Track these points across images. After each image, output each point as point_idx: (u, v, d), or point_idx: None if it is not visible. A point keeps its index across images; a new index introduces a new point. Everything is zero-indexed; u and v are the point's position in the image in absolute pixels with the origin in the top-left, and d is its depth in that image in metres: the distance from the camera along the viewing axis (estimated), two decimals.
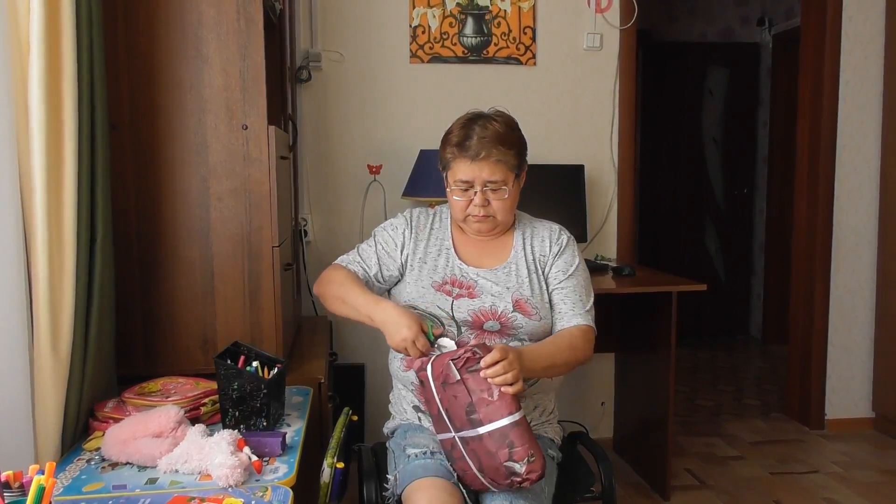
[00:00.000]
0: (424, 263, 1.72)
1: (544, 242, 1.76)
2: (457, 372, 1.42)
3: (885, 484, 2.87)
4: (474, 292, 1.67)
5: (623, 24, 3.08)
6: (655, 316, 2.74)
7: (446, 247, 1.75)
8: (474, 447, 1.42)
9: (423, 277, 1.70)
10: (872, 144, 3.35)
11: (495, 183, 1.65)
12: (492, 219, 1.69)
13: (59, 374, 1.46)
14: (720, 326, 5.24)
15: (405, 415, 1.74)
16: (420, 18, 2.96)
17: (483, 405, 1.40)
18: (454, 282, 1.69)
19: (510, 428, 1.38)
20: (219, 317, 1.91)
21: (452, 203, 1.71)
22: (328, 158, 2.97)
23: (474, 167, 1.63)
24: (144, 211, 1.87)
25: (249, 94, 1.86)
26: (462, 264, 1.72)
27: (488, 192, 1.65)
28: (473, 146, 1.62)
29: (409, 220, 1.78)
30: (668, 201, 5.15)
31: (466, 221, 1.71)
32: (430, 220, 1.80)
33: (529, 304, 1.66)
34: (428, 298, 1.67)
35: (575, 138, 3.12)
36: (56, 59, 1.43)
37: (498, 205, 1.67)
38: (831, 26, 3.26)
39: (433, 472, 1.50)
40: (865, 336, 3.43)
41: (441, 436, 1.51)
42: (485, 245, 1.76)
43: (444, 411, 1.46)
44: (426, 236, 1.76)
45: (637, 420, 3.02)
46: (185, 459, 1.37)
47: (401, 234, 1.76)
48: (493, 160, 1.62)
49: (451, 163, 1.67)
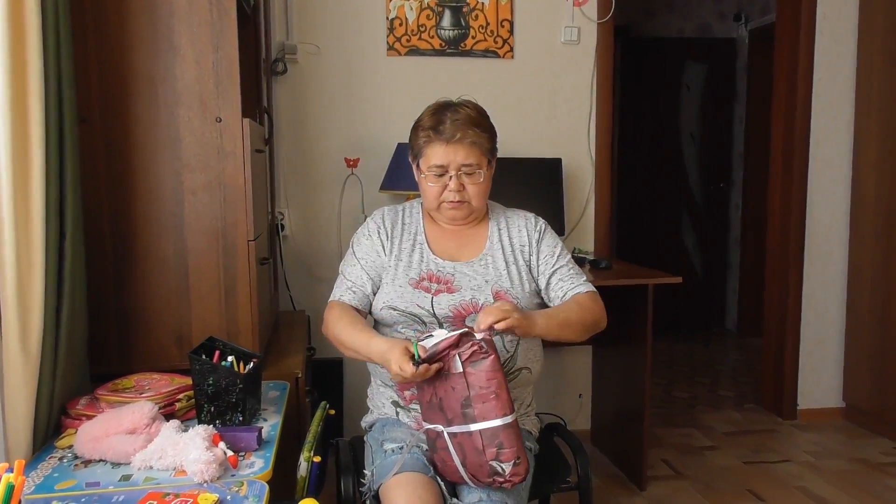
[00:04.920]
0: (399, 261, 1.69)
1: (522, 232, 1.75)
2: (461, 364, 1.38)
3: (854, 472, 2.93)
4: (453, 286, 1.65)
5: (600, 18, 3.09)
6: (632, 309, 2.76)
7: (419, 241, 1.72)
8: (461, 441, 1.41)
9: (399, 276, 1.67)
10: (845, 141, 3.40)
11: (470, 166, 1.63)
12: (467, 205, 1.67)
13: (29, 373, 1.44)
14: (696, 320, 5.30)
15: (383, 409, 1.73)
16: (397, 11, 2.94)
17: (480, 401, 1.38)
18: (431, 277, 1.66)
19: (502, 429, 1.37)
20: (194, 312, 1.89)
21: (426, 190, 1.68)
22: (305, 152, 2.95)
23: (449, 150, 1.61)
24: (116, 206, 1.84)
25: (223, 86, 1.84)
26: (437, 258, 1.69)
27: (463, 177, 1.64)
28: (448, 129, 1.61)
29: (380, 223, 1.74)
30: (644, 196, 5.19)
31: (440, 209, 1.69)
32: (399, 217, 1.76)
33: (510, 294, 1.65)
34: (407, 297, 1.64)
35: (552, 132, 3.12)
36: (21, 51, 1.40)
37: (473, 189, 1.65)
38: (805, 23, 3.30)
39: (410, 466, 1.50)
40: (836, 329, 3.49)
41: (428, 425, 1.49)
42: (459, 237, 1.74)
43: (439, 400, 1.43)
44: (399, 233, 1.73)
45: (614, 412, 3.04)
46: (160, 455, 1.36)
47: (377, 238, 1.72)
48: (468, 142, 1.61)
49: (424, 148, 1.65)
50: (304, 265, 2.95)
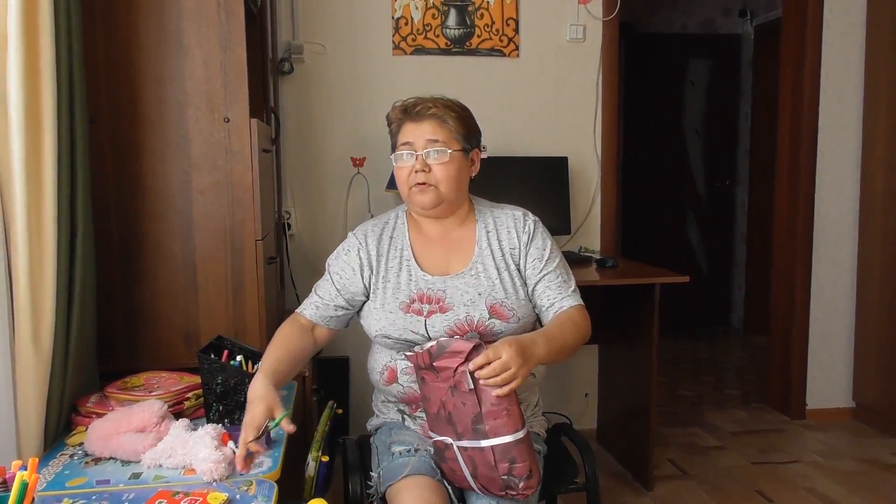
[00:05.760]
0: (388, 282, 1.61)
1: (511, 234, 1.66)
2: (471, 381, 1.35)
3: (864, 473, 2.91)
4: (445, 305, 1.57)
5: (606, 16, 3.09)
6: (638, 308, 2.76)
7: (406, 257, 1.63)
8: (472, 455, 1.38)
9: (388, 300, 1.59)
10: (853, 136, 3.38)
11: (436, 143, 1.57)
12: (433, 189, 1.58)
13: (41, 370, 1.45)
14: (702, 317, 5.29)
15: (389, 415, 1.71)
16: (403, 10, 2.95)
17: (491, 418, 1.34)
18: (422, 297, 1.58)
19: (514, 444, 1.35)
20: (202, 311, 1.91)
21: (397, 175, 1.63)
22: (311, 151, 2.95)
23: (417, 128, 1.59)
24: (125, 205, 1.85)
25: (231, 86, 1.85)
26: (426, 275, 1.60)
27: (431, 155, 1.57)
28: (419, 108, 1.59)
29: (362, 241, 1.66)
30: (650, 193, 5.18)
31: (410, 195, 1.61)
32: (385, 231, 1.68)
33: (505, 306, 1.58)
34: (399, 324, 1.57)
35: (558, 130, 3.12)
36: (34, 52, 1.41)
37: (439, 170, 1.57)
38: (812, 17, 3.29)
39: (418, 469, 1.48)
40: (845, 327, 3.48)
41: (436, 436, 1.46)
42: (445, 243, 1.66)
43: (448, 413, 1.40)
44: (386, 250, 1.65)
45: (620, 411, 3.04)
46: (169, 454, 1.37)
47: (355, 256, 1.64)
48: (436, 119, 1.58)
49: (397, 133, 1.63)
50: (310, 264, 2.95)
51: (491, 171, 2.96)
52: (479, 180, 1.72)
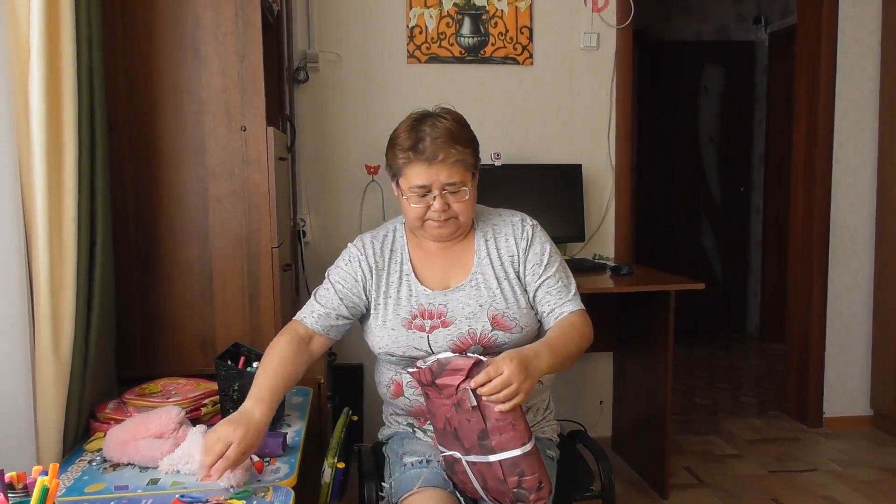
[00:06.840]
0: (388, 297, 1.60)
1: (509, 241, 1.63)
2: (474, 398, 1.34)
3: (883, 481, 2.88)
4: (447, 319, 1.56)
5: (619, 24, 3.09)
6: (653, 314, 2.74)
7: (406, 272, 1.62)
8: (481, 469, 1.38)
9: (389, 317, 1.58)
10: (869, 142, 3.36)
11: (454, 185, 1.52)
12: (453, 220, 1.56)
13: (61, 376, 1.47)
14: (717, 324, 5.25)
15: (400, 426, 1.70)
16: (417, 19, 2.96)
17: (497, 433, 1.33)
18: (423, 313, 1.57)
19: (522, 458, 1.34)
20: (218, 318, 1.92)
21: (408, 210, 1.57)
22: (326, 159, 2.97)
23: (431, 171, 1.50)
24: (143, 213, 1.87)
25: (248, 95, 1.86)
26: (426, 290, 1.59)
27: (448, 196, 1.53)
28: (428, 148, 1.50)
29: (362, 251, 1.64)
30: (664, 200, 5.16)
31: (424, 227, 1.58)
32: (385, 244, 1.66)
33: (507, 317, 1.56)
34: (402, 341, 1.56)
35: (572, 137, 3.12)
36: (56, 61, 1.44)
37: (459, 206, 1.55)
38: (827, 24, 3.27)
39: (430, 482, 1.47)
40: (863, 334, 3.44)
41: (445, 450, 1.46)
42: (446, 255, 1.63)
43: (454, 429, 1.40)
44: (386, 264, 1.63)
45: (635, 418, 3.03)
46: (187, 460, 1.38)
47: (357, 266, 1.63)
48: (451, 161, 1.50)
49: (403, 168, 1.54)
50: (324, 271, 2.96)
51: (505, 179, 2.98)
52: (493, 187, 1.72)
